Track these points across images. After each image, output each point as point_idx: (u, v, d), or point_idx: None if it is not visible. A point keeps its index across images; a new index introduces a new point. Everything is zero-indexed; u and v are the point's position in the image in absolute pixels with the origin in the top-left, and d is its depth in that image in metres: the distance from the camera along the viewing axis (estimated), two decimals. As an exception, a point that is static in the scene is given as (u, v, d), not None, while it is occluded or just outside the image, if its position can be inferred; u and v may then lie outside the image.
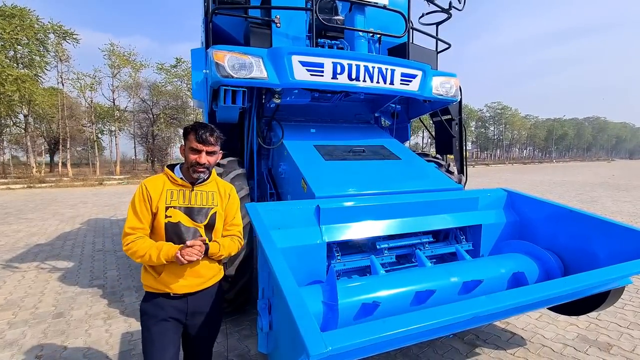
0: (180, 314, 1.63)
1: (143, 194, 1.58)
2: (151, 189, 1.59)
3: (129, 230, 1.55)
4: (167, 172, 1.66)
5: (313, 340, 0.97)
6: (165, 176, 1.65)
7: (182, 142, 1.69)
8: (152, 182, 1.62)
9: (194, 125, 1.64)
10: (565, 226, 2.50)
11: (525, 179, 19.58)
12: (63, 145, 24.87)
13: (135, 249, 1.51)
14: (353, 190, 2.50)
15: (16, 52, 20.14)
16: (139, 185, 1.61)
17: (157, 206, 1.58)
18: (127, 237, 1.54)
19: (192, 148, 1.59)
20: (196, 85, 3.54)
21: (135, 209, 1.57)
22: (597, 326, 2.98)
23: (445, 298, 1.98)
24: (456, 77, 3.56)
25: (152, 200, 1.58)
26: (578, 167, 37.25)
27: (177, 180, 1.64)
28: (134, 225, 1.56)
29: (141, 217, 1.57)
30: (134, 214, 1.57)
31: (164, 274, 1.58)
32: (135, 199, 1.58)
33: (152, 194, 1.58)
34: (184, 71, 27.13)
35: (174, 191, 1.62)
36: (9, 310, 3.40)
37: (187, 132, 1.63)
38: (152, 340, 1.60)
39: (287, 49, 2.75)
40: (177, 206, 1.60)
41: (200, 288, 1.66)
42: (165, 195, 1.60)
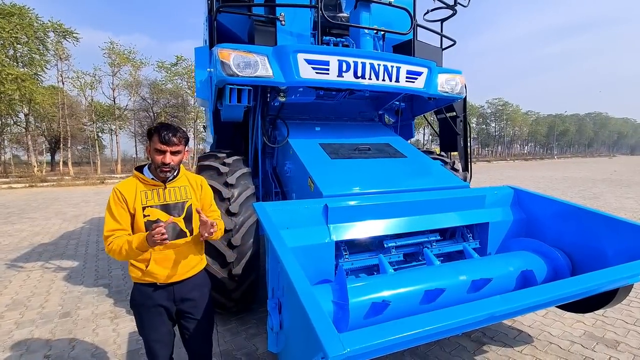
0: (169, 302, 1.74)
1: (117, 197, 1.63)
2: (125, 192, 1.64)
3: (108, 233, 1.61)
4: (137, 174, 1.71)
5: (331, 341, 0.97)
6: (135, 179, 1.70)
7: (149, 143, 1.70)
8: (124, 186, 1.67)
9: (157, 126, 1.67)
10: (572, 224, 2.49)
11: (526, 176, 19.56)
12: (64, 144, 24.88)
13: (114, 247, 1.57)
14: (360, 188, 2.50)
15: (16, 51, 20.08)
16: (112, 191, 1.66)
17: (134, 207, 1.64)
18: (108, 239, 1.60)
19: (156, 149, 1.63)
20: (200, 84, 3.53)
21: (112, 212, 1.62)
22: (604, 323, 2.98)
23: (455, 297, 1.98)
24: (461, 74, 3.54)
25: (128, 203, 1.64)
26: (579, 163, 37.19)
27: (149, 181, 1.69)
28: (111, 228, 1.61)
29: (119, 219, 1.62)
30: (111, 217, 1.62)
31: (150, 266, 1.66)
32: (111, 203, 1.63)
33: (126, 196, 1.63)
34: (184, 69, 27.04)
35: (147, 191, 1.68)
36: (16, 310, 3.41)
37: (151, 134, 1.66)
38: (144, 323, 1.74)
39: (293, 47, 2.73)
40: (154, 205, 1.67)
41: (184, 277, 1.76)
42: (140, 197, 1.66)
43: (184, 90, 28.12)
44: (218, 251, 2.57)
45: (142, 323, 1.75)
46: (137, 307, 1.74)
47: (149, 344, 1.78)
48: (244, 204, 2.72)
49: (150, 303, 1.71)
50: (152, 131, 1.66)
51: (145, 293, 1.71)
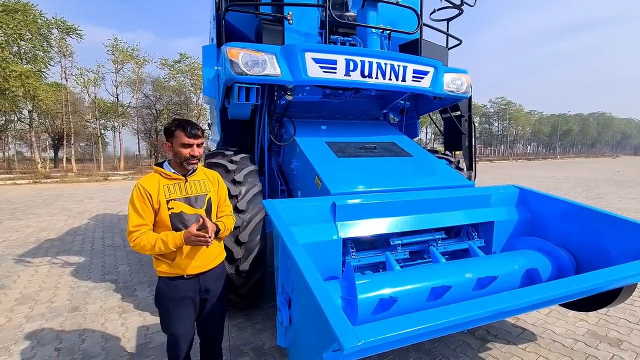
0: (195, 292, 1.81)
1: (141, 193, 1.68)
2: (148, 188, 1.69)
3: (133, 229, 1.66)
4: (158, 169, 1.78)
5: (345, 333, 1.00)
6: (157, 174, 1.76)
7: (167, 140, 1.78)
8: (147, 182, 1.72)
9: (179, 122, 1.74)
10: (577, 223, 2.51)
11: (529, 175, 19.53)
12: (67, 141, 25.00)
13: (143, 243, 1.63)
14: (367, 187, 2.53)
15: (20, 48, 20.16)
16: (135, 186, 1.71)
17: (158, 202, 1.70)
18: (133, 235, 1.66)
19: (183, 144, 1.71)
20: (207, 82, 3.56)
21: (136, 208, 1.67)
22: (607, 322, 3.01)
23: (461, 294, 2.01)
24: (467, 73, 3.55)
25: (152, 198, 1.69)
26: (583, 163, 37.07)
27: (171, 175, 1.76)
28: (137, 223, 1.67)
29: (143, 215, 1.68)
30: (135, 213, 1.67)
31: (178, 259, 1.72)
32: (135, 199, 1.68)
33: (150, 192, 1.69)
34: (187, 67, 27.08)
35: (169, 185, 1.75)
36: (26, 304, 3.46)
37: (172, 131, 1.72)
38: (172, 317, 1.78)
39: (301, 46, 2.75)
40: (177, 198, 1.74)
41: (209, 267, 1.84)
42: (163, 191, 1.72)
43: (186, 87, 28.17)
44: (226, 247, 2.61)
45: (170, 317, 1.78)
46: (164, 300, 1.77)
47: (174, 337, 1.81)
48: (251, 201, 2.76)
49: (178, 296, 1.76)
50: (173, 128, 1.72)
51: (172, 286, 1.76)
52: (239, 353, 2.57)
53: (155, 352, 2.61)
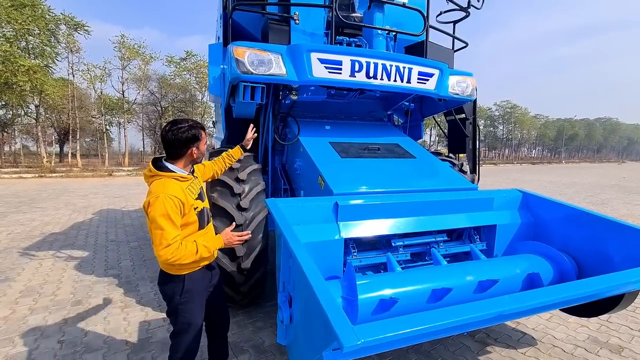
0: (209, 283, 1.94)
1: (176, 204, 1.64)
2: (180, 197, 1.67)
3: (171, 241, 1.60)
4: (171, 175, 1.73)
5: (345, 332, 1.01)
6: (172, 180, 1.71)
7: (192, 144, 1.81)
8: (176, 191, 1.67)
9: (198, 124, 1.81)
10: (580, 228, 2.51)
11: (533, 180, 19.42)
12: (73, 136, 25.18)
13: (183, 254, 1.63)
14: (369, 187, 2.53)
15: (28, 43, 20.34)
16: (166, 198, 1.61)
17: (189, 206, 1.73)
18: (171, 247, 1.60)
19: (204, 142, 1.85)
20: (213, 81, 3.58)
21: (172, 220, 1.62)
22: (608, 328, 2.99)
23: (461, 296, 2.01)
24: (472, 76, 3.55)
25: (185, 206, 1.70)
26: (588, 168, 36.78)
27: (187, 177, 1.80)
28: (174, 235, 1.62)
29: (177, 226, 1.67)
30: (172, 226, 1.62)
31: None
32: (170, 212, 1.60)
33: (183, 201, 1.68)
34: (193, 64, 27.19)
35: (188, 187, 1.77)
36: (30, 297, 3.50)
37: (199, 134, 1.80)
38: (196, 308, 1.85)
39: (306, 46, 2.77)
40: (196, 197, 1.82)
41: (213, 258, 1.98)
42: (188, 194, 1.74)
43: (192, 85, 28.29)
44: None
45: (194, 309, 1.84)
46: (191, 293, 1.80)
47: (195, 329, 1.86)
48: (254, 200, 2.78)
49: (202, 286, 1.86)
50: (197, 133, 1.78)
51: (197, 279, 1.82)
52: (239, 350, 2.59)
53: (156, 347, 2.63)
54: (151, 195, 1.63)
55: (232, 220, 2.65)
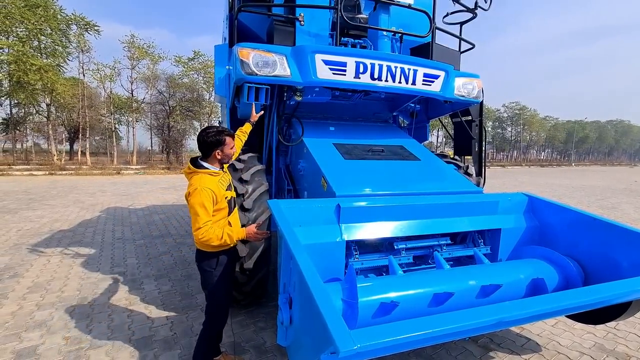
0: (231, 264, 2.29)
1: (210, 195, 2.00)
2: (215, 190, 2.04)
3: (202, 225, 1.96)
4: (207, 171, 2.10)
5: (342, 337, 1.01)
6: (207, 175, 2.08)
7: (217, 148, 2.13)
8: (211, 184, 2.04)
9: (225, 131, 2.14)
10: (587, 233, 2.46)
11: (542, 182, 19.15)
12: (82, 134, 25.58)
13: (211, 235, 1.97)
14: (373, 190, 2.52)
15: (40, 42, 20.72)
16: (202, 189, 1.97)
17: (222, 195, 2.10)
18: (201, 230, 1.96)
19: (231, 147, 2.17)
20: (219, 81, 3.60)
21: (206, 208, 1.98)
22: (615, 336, 2.94)
23: (463, 301, 1.99)
24: (479, 78, 3.51)
25: (217, 196, 2.06)
26: (598, 171, 36.15)
27: (219, 173, 2.16)
28: (206, 220, 1.98)
29: (210, 213, 2.01)
30: (205, 212, 1.97)
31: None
32: (205, 201, 1.97)
33: (216, 193, 2.04)
34: (200, 64, 27.42)
35: (220, 180, 2.14)
36: (37, 293, 3.56)
37: (224, 139, 2.12)
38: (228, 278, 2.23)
39: (311, 48, 2.76)
40: (226, 188, 2.20)
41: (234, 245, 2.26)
42: (220, 186, 2.11)
43: (199, 84, 28.51)
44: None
45: (224, 281, 2.19)
46: (223, 267, 2.17)
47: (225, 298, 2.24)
48: (257, 200, 2.78)
49: (230, 263, 2.23)
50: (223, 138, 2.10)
51: (227, 256, 2.19)
52: (241, 350, 2.60)
53: (159, 344, 2.66)
54: (191, 187, 2.00)
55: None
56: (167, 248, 5.27)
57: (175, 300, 3.46)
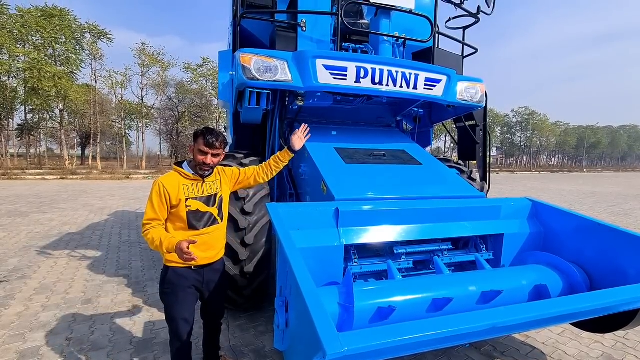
0: (198, 283, 1.98)
1: (160, 191, 1.82)
2: (168, 187, 1.84)
3: (146, 222, 1.82)
4: (178, 169, 1.93)
5: (330, 340, 1.00)
6: (176, 173, 1.91)
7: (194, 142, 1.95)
8: (168, 181, 1.86)
9: (203, 130, 1.90)
10: (592, 239, 2.41)
11: (552, 188, 18.82)
12: (94, 140, 26.10)
13: (150, 236, 1.77)
14: (373, 194, 2.51)
15: (55, 51, 21.32)
16: (155, 183, 1.83)
17: (177, 199, 1.85)
18: (145, 227, 1.81)
19: (200, 150, 1.88)
20: (222, 87, 3.65)
21: (153, 204, 1.82)
22: (625, 346, 2.85)
23: (463, 307, 1.96)
24: (482, 82, 3.49)
25: (171, 196, 1.83)
26: (611, 177, 35.37)
27: (190, 176, 1.93)
28: (150, 217, 1.82)
29: (158, 211, 1.83)
30: (151, 208, 1.82)
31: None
32: (154, 195, 1.82)
33: (169, 190, 1.83)
34: (209, 70, 27.84)
35: (188, 185, 1.91)
36: (43, 294, 3.62)
37: (197, 136, 1.91)
38: (179, 303, 1.92)
39: (312, 53, 2.79)
40: (195, 197, 1.91)
41: (212, 261, 2.03)
42: (183, 190, 1.88)
43: (208, 90, 28.92)
44: (231, 248, 2.65)
45: (177, 302, 1.92)
46: (172, 286, 1.91)
47: (178, 323, 1.94)
48: (258, 204, 2.80)
49: (186, 284, 1.93)
50: (198, 133, 1.90)
51: (181, 274, 1.91)
52: (240, 354, 2.59)
53: (160, 347, 2.67)
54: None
55: (235, 224, 2.68)
56: (172, 252, 5.31)
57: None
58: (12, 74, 20.80)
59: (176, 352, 2.02)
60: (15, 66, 20.10)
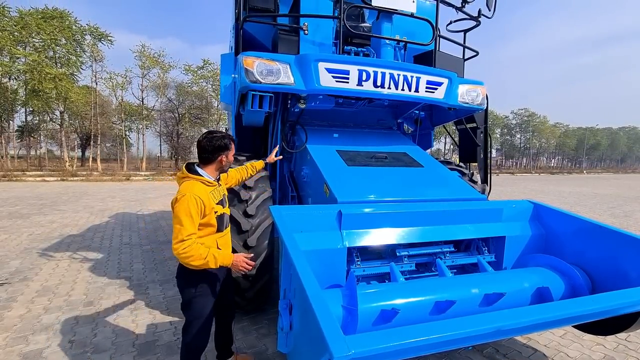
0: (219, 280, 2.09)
1: (198, 204, 1.82)
2: (204, 199, 1.86)
3: (186, 237, 1.77)
4: (200, 178, 1.95)
5: (336, 342, 1.01)
6: (199, 182, 1.93)
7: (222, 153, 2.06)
8: (200, 192, 1.86)
9: (230, 137, 2.06)
10: (594, 242, 2.42)
11: (552, 190, 18.83)
12: (94, 141, 26.12)
13: (193, 253, 1.77)
14: (375, 196, 2.52)
15: (55, 52, 21.35)
16: (189, 196, 1.79)
17: (210, 207, 1.90)
18: (184, 243, 1.76)
19: (233, 155, 2.08)
20: (224, 89, 3.66)
21: (192, 218, 1.80)
22: (627, 348, 2.85)
23: (466, 309, 1.96)
24: (483, 85, 3.51)
25: (206, 207, 1.87)
26: (610, 179, 35.39)
27: (213, 183, 2.01)
28: (190, 232, 1.79)
29: (195, 224, 1.83)
30: (190, 223, 1.79)
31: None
32: (192, 210, 1.79)
33: (205, 202, 1.86)
34: (209, 72, 27.89)
35: (212, 192, 1.97)
36: (45, 296, 3.62)
37: (229, 144, 2.04)
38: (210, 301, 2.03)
39: (314, 56, 2.81)
40: (217, 202, 1.99)
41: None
42: (211, 198, 1.94)
43: (208, 92, 28.96)
44: (234, 251, 2.65)
45: (207, 303, 2.01)
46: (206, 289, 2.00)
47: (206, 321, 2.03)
48: (260, 207, 2.81)
49: (215, 282, 2.06)
50: (228, 142, 2.02)
51: (212, 275, 2.02)
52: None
53: (162, 350, 2.67)
54: (179, 194, 1.83)
55: (238, 227, 2.69)
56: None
57: (180, 305, 3.47)
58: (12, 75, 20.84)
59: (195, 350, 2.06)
60: (16, 68, 20.14)
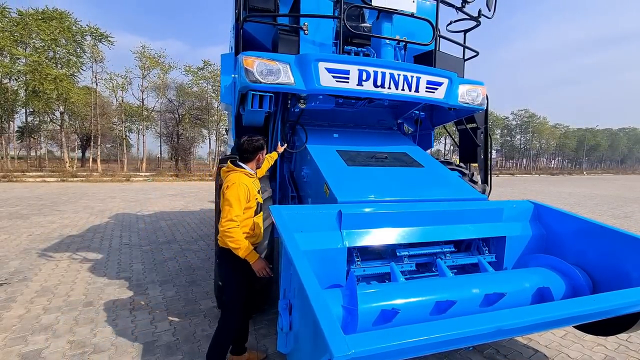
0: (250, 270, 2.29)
1: (246, 190, 2.20)
2: (250, 187, 2.25)
3: (235, 218, 2.13)
4: (244, 171, 2.32)
5: (337, 342, 1.01)
6: (243, 174, 2.28)
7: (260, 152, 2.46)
8: (247, 181, 2.25)
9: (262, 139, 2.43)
10: (595, 242, 2.41)
11: (552, 191, 18.82)
12: (94, 142, 26.12)
13: (234, 235, 2.11)
14: (375, 196, 2.52)
15: (55, 53, 21.37)
16: (239, 184, 2.18)
17: (253, 196, 2.27)
18: (231, 223, 2.12)
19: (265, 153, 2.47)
20: (224, 89, 3.65)
21: (240, 202, 2.16)
22: (627, 348, 2.84)
23: (466, 309, 1.96)
24: (483, 85, 3.51)
25: (251, 195, 2.25)
26: (610, 180, 35.37)
27: (254, 175, 2.39)
28: (237, 214, 2.15)
29: (242, 207, 2.18)
30: (239, 205, 2.15)
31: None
32: (240, 195, 2.16)
33: (250, 191, 2.24)
34: (209, 73, 27.90)
35: (254, 182, 2.35)
36: (44, 297, 3.61)
37: (264, 145, 2.44)
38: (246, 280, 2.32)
39: (314, 56, 2.81)
40: (257, 190, 2.38)
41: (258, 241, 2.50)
42: (253, 187, 2.29)
43: (208, 93, 28.97)
44: (234, 251, 2.65)
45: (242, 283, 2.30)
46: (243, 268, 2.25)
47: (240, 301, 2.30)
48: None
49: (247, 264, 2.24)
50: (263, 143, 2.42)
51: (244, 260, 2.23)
52: (242, 357, 2.58)
53: (161, 350, 2.66)
54: (230, 182, 2.20)
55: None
56: (173, 254, 5.31)
57: (179, 305, 3.47)
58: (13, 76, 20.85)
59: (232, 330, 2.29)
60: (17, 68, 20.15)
